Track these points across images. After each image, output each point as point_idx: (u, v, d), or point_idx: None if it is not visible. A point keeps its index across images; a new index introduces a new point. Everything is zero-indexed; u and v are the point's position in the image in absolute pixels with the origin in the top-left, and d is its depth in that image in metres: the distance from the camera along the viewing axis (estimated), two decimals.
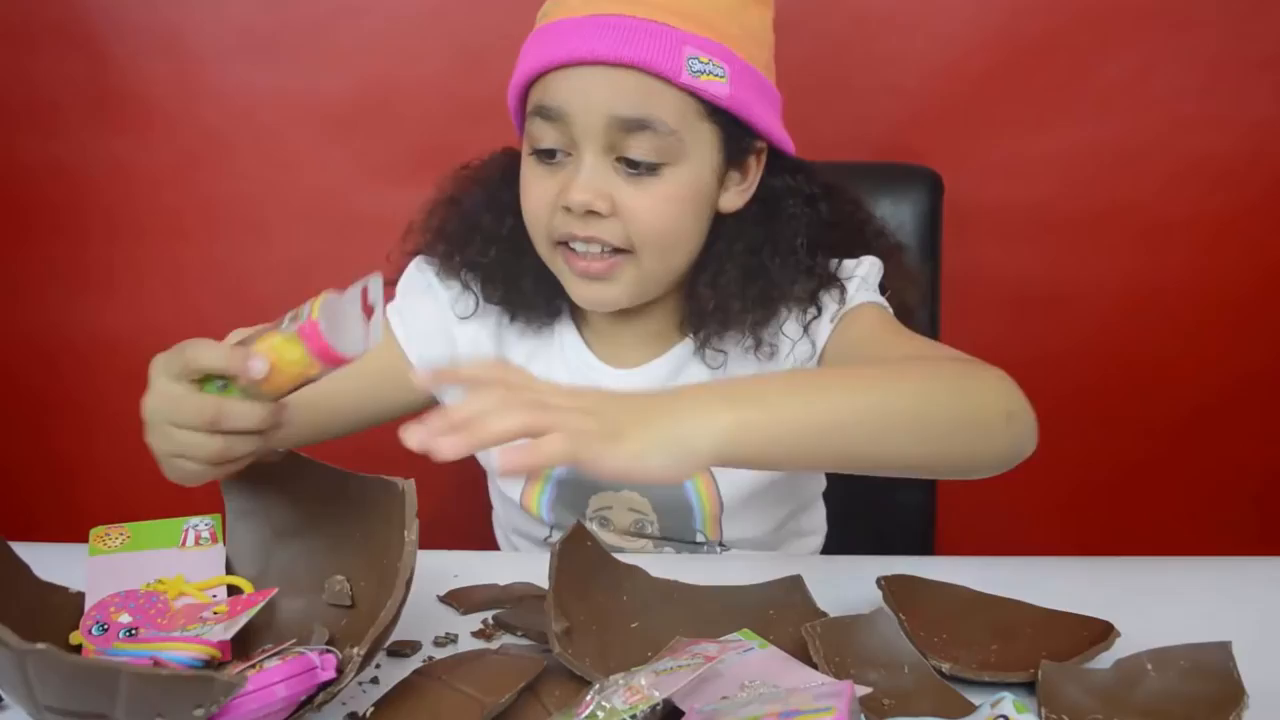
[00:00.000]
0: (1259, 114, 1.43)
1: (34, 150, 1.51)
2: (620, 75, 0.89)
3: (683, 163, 0.92)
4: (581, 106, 0.90)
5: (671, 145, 0.91)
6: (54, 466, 1.64)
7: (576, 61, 0.90)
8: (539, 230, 0.96)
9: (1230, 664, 0.72)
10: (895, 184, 1.28)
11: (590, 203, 0.90)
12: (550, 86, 0.92)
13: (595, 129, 0.90)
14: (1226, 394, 1.52)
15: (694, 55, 0.90)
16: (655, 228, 0.93)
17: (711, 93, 0.91)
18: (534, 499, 1.06)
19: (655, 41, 0.89)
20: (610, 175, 0.92)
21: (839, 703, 0.60)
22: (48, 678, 0.60)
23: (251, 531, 0.82)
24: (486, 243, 1.02)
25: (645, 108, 0.89)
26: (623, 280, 0.95)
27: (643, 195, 0.92)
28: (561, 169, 0.93)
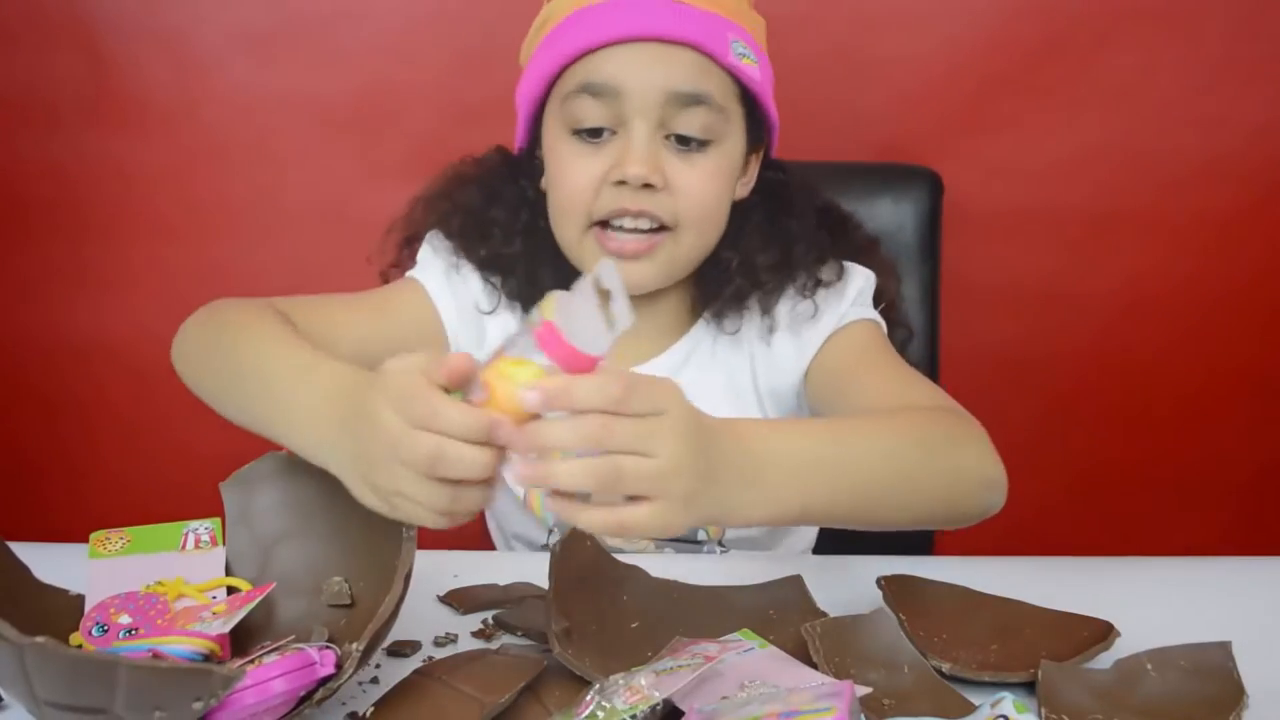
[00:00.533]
0: (1259, 114, 1.43)
1: (33, 150, 1.51)
2: (675, 51, 0.92)
3: (725, 142, 0.96)
4: (638, 81, 0.92)
5: (719, 123, 0.94)
6: (55, 465, 1.64)
7: (632, 38, 0.92)
8: (578, 210, 0.96)
9: (1230, 664, 0.72)
10: (895, 184, 1.28)
11: (647, 175, 0.92)
12: (600, 63, 0.93)
13: (651, 103, 0.92)
14: (1228, 394, 1.52)
15: (736, 39, 0.95)
16: (702, 204, 0.95)
17: (749, 75, 0.96)
18: (536, 500, 1.06)
19: (704, 23, 0.93)
20: (661, 150, 0.94)
21: (839, 703, 0.60)
22: (47, 671, 0.59)
23: (250, 533, 0.82)
24: (507, 235, 1.03)
25: (699, 83, 0.93)
26: (659, 259, 0.96)
27: (692, 171, 0.94)
28: (606, 147, 0.95)
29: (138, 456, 1.60)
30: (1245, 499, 1.56)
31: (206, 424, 0.97)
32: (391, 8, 1.45)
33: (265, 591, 0.74)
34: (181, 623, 0.74)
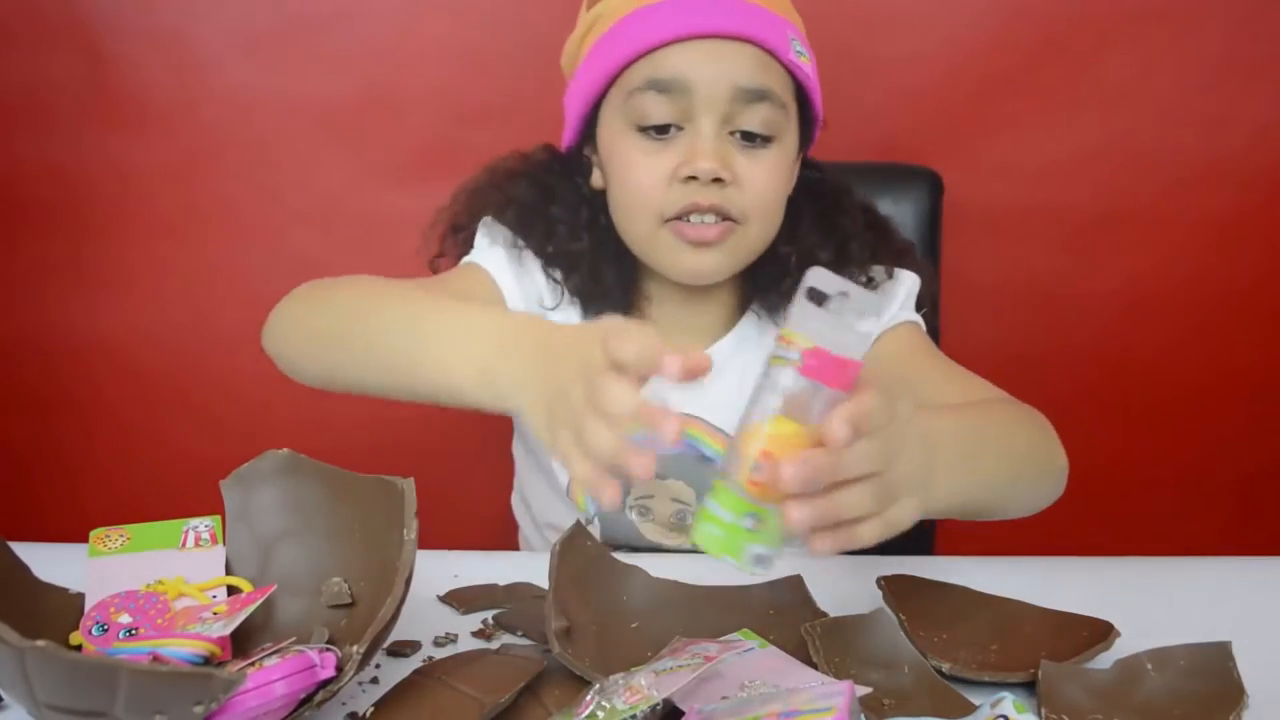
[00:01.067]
0: (1260, 114, 1.43)
1: (32, 150, 1.51)
2: (740, 48, 0.94)
3: (785, 138, 0.98)
4: (705, 76, 0.93)
5: (781, 119, 0.96)
6: (52, 466, 1.64)
7: (699, 34, 0.93)
8: (648, 207, 0.97)
9: (1230, 664, 0.72)
10: (895, 184, 1.28)
11: (717, 170, 0.93)
12: (667, 60, 0.94)
13: (718, 98, 0.94)
14: (1229, 394, 1.52)
15: (794, 37, 0.98)
16: (766, 197, 0.97)
17: (805, 72, 0.98)
18: (580, 490, 1.06)
19: (766, 20, 0.95)
20: (727, 145, 0.95)
21: (839, 703, 0.60)
22: (47, 675, 0.59)
23: (251, 532, 0.82)
24: (573, 232, 1.03)
25: (764, 79, 0.95)
26: (729, 249, 0.97)
27: (757, 165, 0.96)
28: (673, 144, 0.96)
29: (135, 456, 1.60)
30: (1246, 499, 1.56)
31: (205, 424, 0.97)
32: (391, 8, 1.45)
33: (266, 593, 0.74)
34: (182, 623, 0.74)
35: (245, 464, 0.82)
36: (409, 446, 1.47)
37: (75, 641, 0.76)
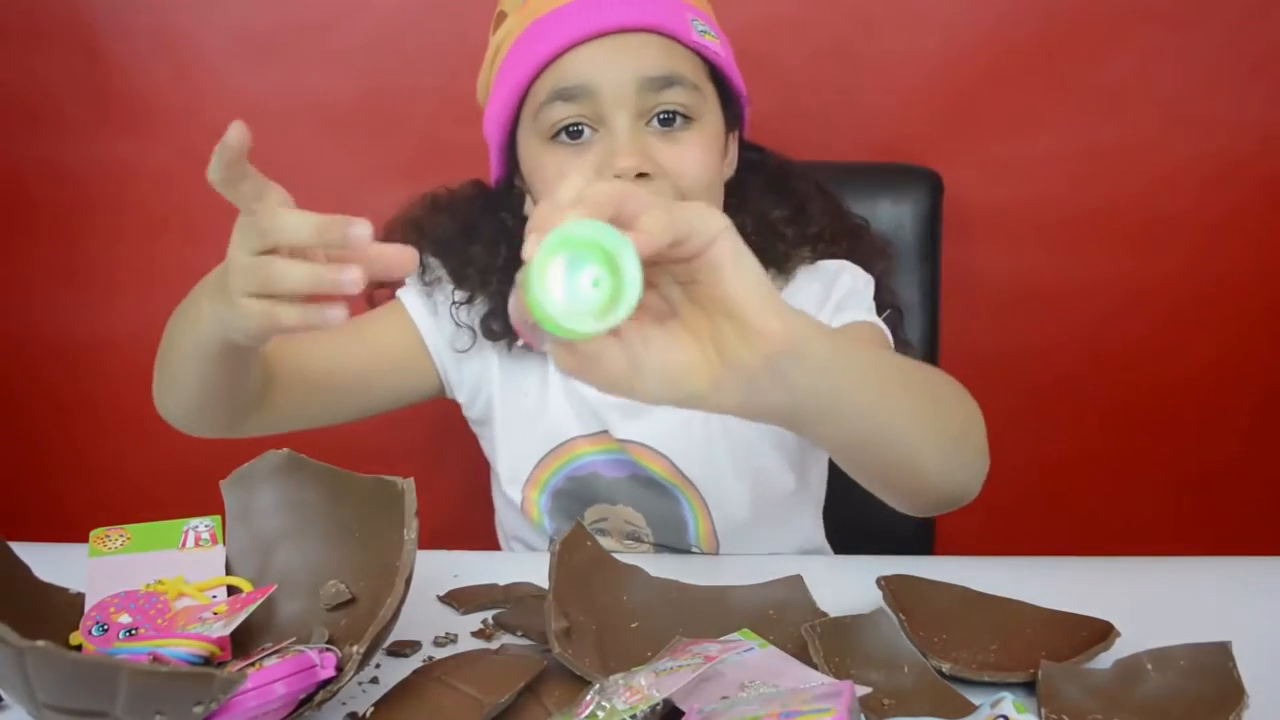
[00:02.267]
0: (1259, 114, 1.43)
1: (33, 150, 1.51)
2: (639, 39, 0.93)
3: (704, 118, 0.96)
4: (610, 75, 0.92)
5: (696, 100, 0.95)
6: (52, 466, 1.64)
7: (595, 34, 0.92)
8: None
9: (1230, 664, 0.72)
10: (895, 184, 1.28)
11: (639, 165, 0.91)
12: (569, 67, 0.93)
13: (626, 94, 0.92)
14: (1230, 394, 1.52)
15: (695, 18, 0.95)
16: (702, 175, 0.95)
17: (713, 52, 0.96)
18: (534, 505, 1.06)
19: (663, 6, 0.94)
20: (646, 139, 0.93)
21: (839, 703, 0.60)
22: (47, 675, 0.59)
23: (251, 532, 0.82)
24: (485, 274, 1.01)
25: (669, 65, 0.93)
26: None
27: (681, 149, 0.94)
28: (591, 147, 0.94)
29: (135, 456, 1.60)
30: (1246, 498, 1.56)
31: None
32: (391, 8, 1.45)
33: (266, 593, 0.74)
34: (182, 623, 0.75)
35: (245, 464, 0.82)
36: (409, 447, 1.47)
37: (75, 641, 0.76)
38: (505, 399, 1.07)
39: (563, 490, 1.05)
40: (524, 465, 1.06)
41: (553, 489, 1.06)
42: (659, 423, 1.01)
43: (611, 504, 1.04)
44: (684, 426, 1.01)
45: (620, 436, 1.02)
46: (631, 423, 1.02)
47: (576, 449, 1.04)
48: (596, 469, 1.04)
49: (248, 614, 0.72)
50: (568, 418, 1.04)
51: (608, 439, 1.03)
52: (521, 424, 1.06)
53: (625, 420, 1.02)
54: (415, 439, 1.47)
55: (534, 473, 1.06)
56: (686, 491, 1.02)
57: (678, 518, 1.03)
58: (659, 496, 1.03)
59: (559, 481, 1.05)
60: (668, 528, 1.04)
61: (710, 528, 1.03)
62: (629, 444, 1.02)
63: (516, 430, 1.07)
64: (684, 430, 1.01)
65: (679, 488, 1.02)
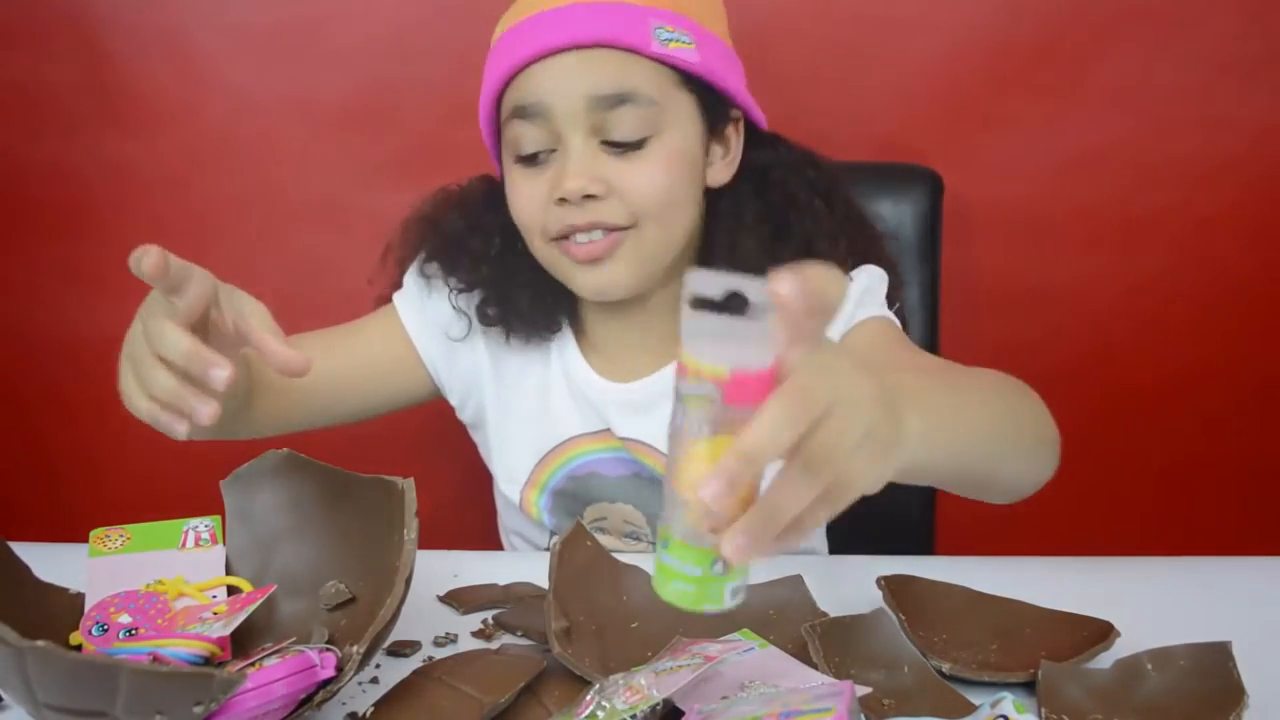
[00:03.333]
0: (1260, 114, 1.43)
1: (33, 149, 1.51)
2: (593, 55, 0.91)
3: (666, 132, 0.93)
4: (560, 94, 0.91)
5: (653, 116, 0.92)
6: (53, 465, 1.64)
7: (547, 52, 0.91)
8: (534, 232, 0.96)
9: (1230, 664, 0.72)
10: (895, 184, 1.28)
11: (585, 187, 0.91)
12: (525, 84, 0.92)
13: (577, 113, 0.91)
14: (1229, 394, 1.52)
15: (660, 25, 0.92)
16: (653, 197, 0.93)
17: (682, 59, 0.92)
18: (533, 504, 1.07)
19: (619, 18, 0.91)
20: (599, 157, 0.92)
21: (839, 703, 0.60)
22: (47, 675, 0.60)
23: (251, 532, 0.82)
24: (476, 263, 1.02)
25: (622, 82, 0.91)
26: (624, 258, 0.94)
27: (633, 169, 0.92)
28: (548, 168, 0.94)
29: (136, 456, 1.60)
30: (1249, 498, 1.56)
31: None
32: (391, 8, 1.45)
33: (266, 594, 0.75)
34: (182, 623, 0.75)
35: (245, 464, 0.82)
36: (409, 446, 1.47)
37: (75, 641, 0.76)
38: (500, 401, 1.07)
39: (563, 490, 1.05)
40: (523, 466, 1.06)
41: (552, 488, 1.06)
42: (662, 422, 1.01)
43: (611, 502, 1.04)
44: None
45: (623, 435, 1.02)
46: (634, 421, 1.02)
47: (578, 447, 1.04)
48: (596, 468, 1.04)
49: (248, 614, 0.72)
50: (570, 416, 1.04)
51: (609, 437, 1.03)
52: (520, 424, 1.06)
53: (628, 418, 1.02)
54: (415, 439, 1.47)
55: (534, 473, 1.06)
56: None
57: None
58: (657, 493, 1.03)
59: (559, 481, 1.05)
60: None
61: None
62: (631, 442, 1.02)
63: (514, 431, 1.07)
64: None
65: None
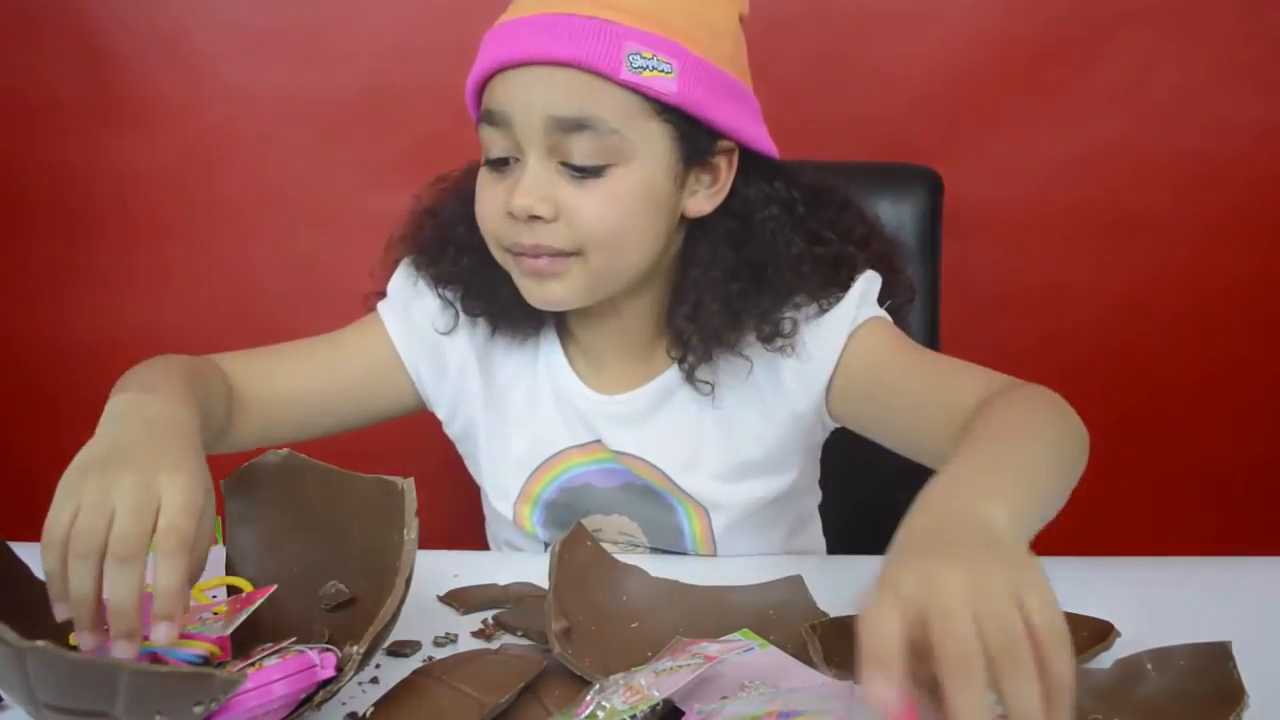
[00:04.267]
0: (1260, 114, 1.43)
1: (33, 150, 1.51)
2: (557, 74, 0.87)
3: (629, 162, 0.89)
4: (522, 108, 0.88)
5: (614, 145, 0.88)
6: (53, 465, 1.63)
7: (516, 63, 0.88)
8: (491, 239, 0.94)
9: (1230, 664, 0.72)
10: (895, 184, 1.28)
11: (532, 207, 0.88)
12: (494, 91, 0.90)
13: (535, 131, 0.88)
14: (1230, 394, 1.52)
15: (635, 51, 0.87)
16: (600, 229, 0.89)
17: (656, 89, 0.87)
18: (526, 519, 1.05)
19: (592, 38, 0.86)
20: (554, 178, 0.89)
21: (839, 703, 0.60)
22: (48, 675, 0.60)
23: (251, 533, 0.82)
24: (459, 253, 1.00)
25: (584, 107, 0.87)
26: (571, 279, 0.91)
27: (587, 196, 0.88)
28: (509, 176, 0.91)
29: None
30: (1248, 498, 1.56)
31: None
32: (391, 8, 1.45)
33: (267, 594, 0.74)
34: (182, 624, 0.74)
35: (245, 465, 0.82)
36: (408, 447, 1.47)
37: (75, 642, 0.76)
38: (491, 411, 1.05)
39: (555, 502, 1.04)
40: (514, 480, 1.04)
41: (545, 501, 1.04)
42: (652, 433, 1.00)
43: (605, 514, 1.03)
44: (677, 436, 1.00)
45: (615, 448, 1.01)
46: (624, 433, 1.01)
47: (569, 460, 1.03)
48: (589, 479, 1.03)
49: (248, 614, 0.72)
50: (558, 429, 1.03)
51: (600, 449, 1.01)
52: (510, 437, 1.05)
53: (618, 431, 1.01)
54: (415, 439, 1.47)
55: (526, 487, 1.04)
56: (682, 499, 1.00)
57: (673, 526, 1.02)
58: (654, 505, 1.02)
59: (551, 494, 1.04)
60: (663, 536, 1.03)
61: (708, 535, 1.01)
62: (624, 455, 1.01)
63: (505, 444, 1.05)
64: (678, 440, 1.00)
65: (674, 495, 1.00)
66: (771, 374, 0.97)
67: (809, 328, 0.95)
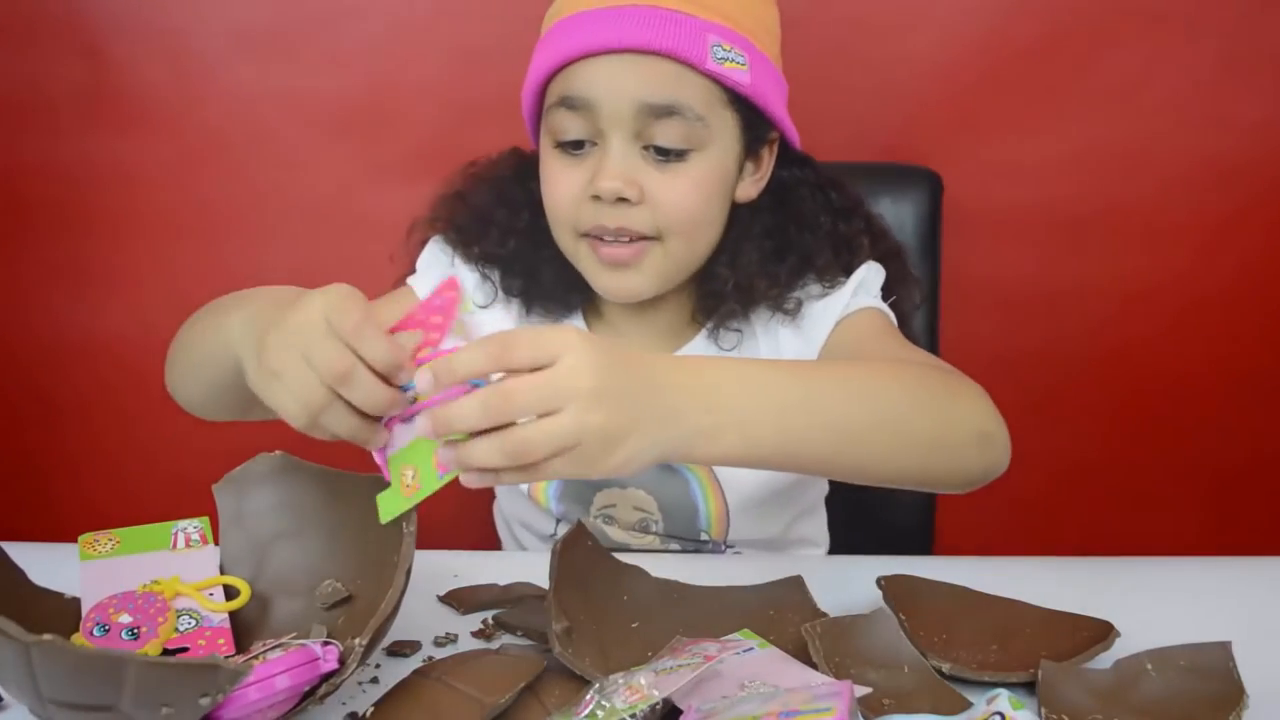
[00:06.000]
0: (1260, 115, 1.43)
1: (34, 150, 1.51)
2: (648, 62, 0.91)
3: (708, 149, 0.94)
4: (610, 94, 0.91)
5: (698, 131, 0.92)
6: (54, 466, 1.64)
7: (604, 50, 0.91)
8: (564, 223, 0.97)
9: (1230, 664, 0.72)
10: (895, 184, 1.28)
11: (620, 189, 0.91)
12: (576, 76, 0.93)
13: (624, 116, 0.91)
14: (1230, 393, 1.52)
15: (717, 43, 0.92)
16: (684, 213, 0.94)
17: (734, 79, 0.93)
18: (541, 491, 1.07)
19: (681, 29, 0.91)
20: (638, 162, 0.93)
21: (839, 703, 0.60)
22: (54, 669, 0.59)
23: (245, 535, 0.82)
24: (504, 235, 1.03)
25: (673, 94, 0.91)
26: (648, 267, 0.95)
27: (671, 181, 0.93)
28: (587, 159, 0.94)
29: (139, 456, 1.60)
30: (1247, 498, 1.56)
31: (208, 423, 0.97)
32: (392, 8, 1.45)
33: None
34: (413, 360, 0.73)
35: (238, 467, 0.82)
36: None
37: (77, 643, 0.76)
38: None
39: None
40: None
41: None
42: None
43: (622, 488, 1.04)
44: None
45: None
46: None
47: None
48: None
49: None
50: None
51: None
52: None
53: None
54: None
55: None
56: (698, 472, 1.02)
57: (688, 500, 1.03)
58: (670, 478, 1.03)
59: None
60: (678, 511, 1.04)
61: (722, 509, 1.03)
62: None
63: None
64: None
65: (691, 470, 1.03)
66: (774, 354, 1.02)
67: (810, 305, 1.01)
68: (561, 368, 0.63)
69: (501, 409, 0.63)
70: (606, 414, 0.64)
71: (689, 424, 0.68)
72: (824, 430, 0.74)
